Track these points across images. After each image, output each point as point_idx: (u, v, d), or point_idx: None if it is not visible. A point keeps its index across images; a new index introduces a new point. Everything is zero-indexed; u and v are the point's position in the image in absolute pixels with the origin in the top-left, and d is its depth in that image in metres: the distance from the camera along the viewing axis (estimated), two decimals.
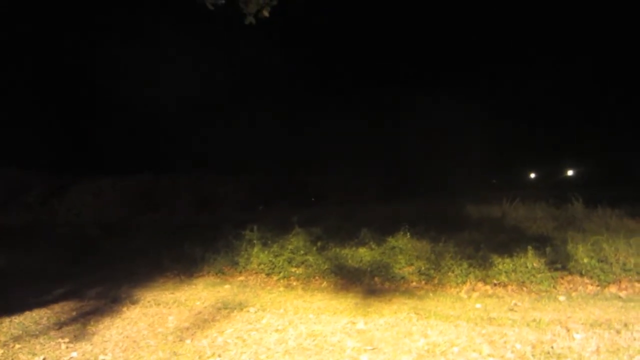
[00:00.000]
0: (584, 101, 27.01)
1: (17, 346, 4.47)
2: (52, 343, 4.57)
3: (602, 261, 6.46)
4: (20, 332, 4.88)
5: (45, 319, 5.35)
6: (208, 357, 4.15)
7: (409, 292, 6.27)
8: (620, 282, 6.20)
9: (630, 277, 6.22)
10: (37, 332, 4.88)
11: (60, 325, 5.10)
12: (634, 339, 4.31)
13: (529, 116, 28.75)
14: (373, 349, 4.27)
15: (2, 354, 4.28)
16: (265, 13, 5.78)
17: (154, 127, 20.40)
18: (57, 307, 5.80)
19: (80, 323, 5.19)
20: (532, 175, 33.24)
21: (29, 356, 4.25)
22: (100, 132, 20.69)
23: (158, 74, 20.03)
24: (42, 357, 4.22)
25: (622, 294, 5.96)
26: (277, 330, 4.84)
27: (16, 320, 5.21)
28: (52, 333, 4.86)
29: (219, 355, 4.18)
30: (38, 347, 4.48)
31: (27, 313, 5.49)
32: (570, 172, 30.67)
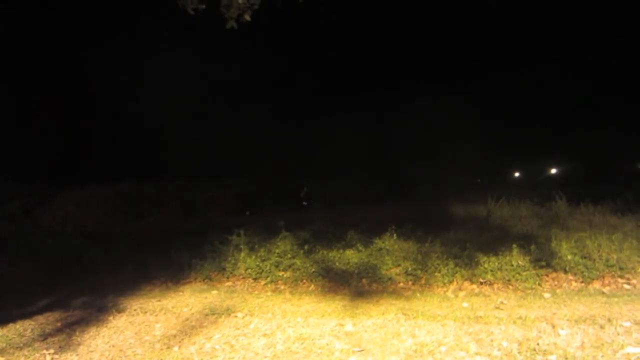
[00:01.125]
0: (566, 100, 27.43)
1: (1, 359, 4.39)
2: (37, 355, 4.50)
3: (585, 258, 6.55)
4: (4, 344, 4.80)
5: (29, 330, 5.27)
6: None
7: (396, 293, 6.30)
8: (603, 278, 6.29)
9: (613, 272, 6.32)
10: (21, 344, 4.80)
11: (45, 337, 5.02)
12: (618, 334, 4.38)
13: (511, 116, 29.06)
14: (361, 350, 4.28)
15: None
16: (247, 17, 5.79)
17: (137, 134, 20.22)
18: (41, 318, 5.72)
19: (65, 333, 5.12)
20: (517, 175, 33.63)
21: None
22: (84, 141, 20.47)
23: (142, 82, 19.87)
24: None
25: (606, 289, 6.05)
26: (265, 335, 4.83)
27: (0, 333, 5.13)
28: (36, 344, 4.79)
29: None
30: (22, 359, 4.41)
31: (11, 325, 5.41)
32: (553, 171, 31.09)
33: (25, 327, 5.35)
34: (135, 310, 5.94)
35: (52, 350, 4.58)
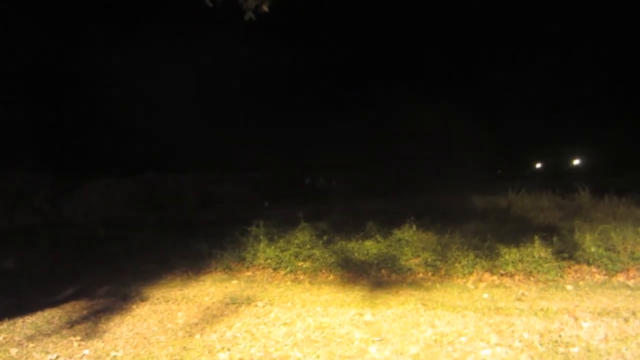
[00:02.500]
0: (589, 89, 26.81)
1: (31, 345, 4.53)
2: (65, 341, 4.62)
3: (609, 250, 6.45)
4: (33, 331, 4.94)
5: (57, 318, 5.40)
6: (217, 352, 4.19)
7: (415, 284, 6.29)
8: (628, 270, 6.19)
9: (638, 265, 6.21)
10: (50, 331, 4.93)
11: (71, 324, 5.15)
12: None
13: (533, 107, 28.57)
14: (381, 339, 4.29)
15: (17, 353, 4.34)
16: (265, 8, 5.79)
17: (156, 127, 20.41)
18: (68, 307, 5.85)
19: (91, 321, 5.24)
20: (538, 166, 33.11)
21: (42, 354, 4.30)
22: (104, 134, 20.76)
23: (160, 74, 20.04)
24: (55, 356, 4.27)
25: (630, 282, 5.95)
26: (285, 324, 4.87)
27: (29, 320, 5.27)
28: (64, 332, 4.91)
29: (228, 349, 4.22)
30: (51, 345, 4.53)
31: (39, 313, 5.55)
32: (576, 162, 30.51)
33: (52, 315, 5.49)
34: (157, 299, 6.04)
35: (79, 337, 4.70)
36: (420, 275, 6.64)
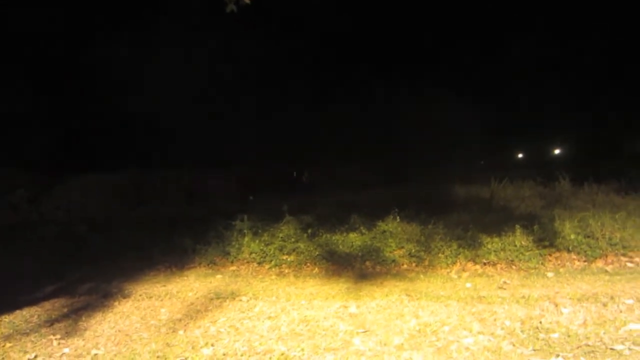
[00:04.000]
0: (567, 79, 27.13)
1: (8, 345, 4.44)
2: (44, 340, 4.55)
3: (588, 237, 6.55)
4: (11, 330, 4.85)
5: (36, 317, 5.32)
6: (201, 347, 4.16)
7: (400, 275, 6.32)
8: (606, 256, 6.30)
9: (616, 251, 6.33)
10: (28, 330, 4.85)
11: (51, 322, 5.07)
12: (620, 311, 4.39)
13: (513, 97, 28.82)
14: (365, 331, 4.30)
15: None
16: (247, 0, 5.71)
17: (139, 122, 20.12)
18: (47, 305, 5.77)
19: (71, 319, 5.17)
20: (520, 156, 33.53)
21: (21, 354, 4.23)
22: (85, 129, 20.39)
23: (142, 68, 19.71)
24: (34, 355, 4.20)
25: (609, 268, 6.06)
26: (269, 318, 4.86)
27: (6, 320, 5.18)
28: (43, 330, 4.83)
29: (212, 345, 4.19)
30: (29, 344, 4.45)
31: (18, 312, 5.45)
32: (557, 151, 30.97)
33: (31, 314, 5.40)
34: (140, 295, 5.98)
35: (58, 336, 4.63)
36: (405, 266, 6.67)
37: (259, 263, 7.17)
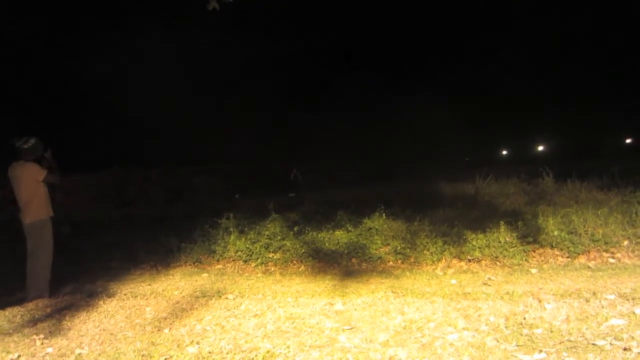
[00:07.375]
0: (551, 77, 27.49)
1: None
2: (27, 340, 4.48)
3: (571, 233, 6.63)
4: None
5: (18, 317, 5.24)
6: (186, 345, 4.13)
7: (385, 272, 6.35)
8: (589, 252, 6.39)
9: (598, 247, 6.41)
10: (11, 330, 4.77)
11: (34, 322, 5.00)
12: (602, 307, 4.45)
13: (497, 95, 29.12)
14: (351, 328, 4.32)
15: None
16: None
17: (122, 122, 19.96)
18: (30, 305, 5.68)
19: (55, 319, 5.10)
20: (504, 152, 33.88)
21: (3, 354, 4.15)
22: (68, 129, 20.12)
23: (127, 68, 19.53)
24: (16, 355, 4.13)
25: (591, 264, 6.15)
26: (255, 315, 4.85)
27: None
28: (26, 330, 4.76)
29: (198, 343, 4.17)
30: (12, 345, 4.38)
31: (0, 312, 5.37)
32: (541, 148, 31.33)
33: (14, 314, 5.31)
34: (125, 294, 5.93)
35: (42, 336, 4.56)
36: (390, 263, 6.71)
37: (245, 261, 7.15)
